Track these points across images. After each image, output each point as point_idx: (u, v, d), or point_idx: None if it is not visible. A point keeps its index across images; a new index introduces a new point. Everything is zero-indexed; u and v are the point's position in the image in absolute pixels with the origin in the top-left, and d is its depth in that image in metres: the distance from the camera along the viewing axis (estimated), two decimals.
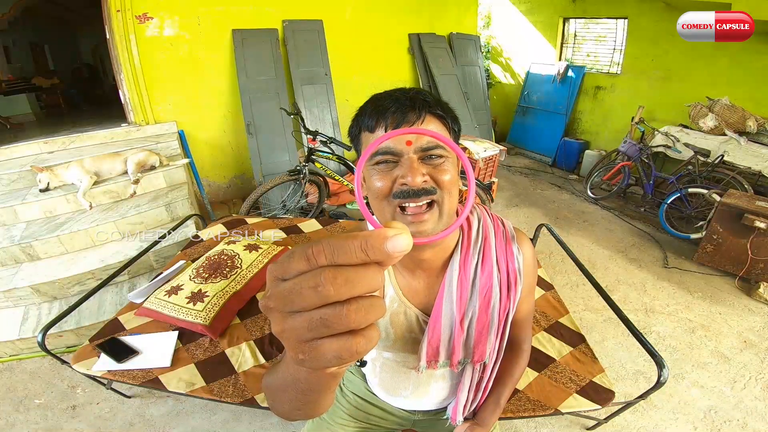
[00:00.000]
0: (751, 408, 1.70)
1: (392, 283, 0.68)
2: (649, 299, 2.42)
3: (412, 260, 0.66)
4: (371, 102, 0.59)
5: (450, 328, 0.69)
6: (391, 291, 0.68)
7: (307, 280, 0.20)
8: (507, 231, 0.72)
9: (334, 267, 0.20)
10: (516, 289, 0.69)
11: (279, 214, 2.82)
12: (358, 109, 0.60)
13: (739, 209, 2.46)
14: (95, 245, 2.27)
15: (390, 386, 0.84)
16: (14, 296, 1.99)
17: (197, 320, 1.41)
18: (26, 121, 4.77)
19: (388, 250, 0.20)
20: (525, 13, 5.22)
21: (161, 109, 3.27)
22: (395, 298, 0.69)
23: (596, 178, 3.95)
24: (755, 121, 3.17)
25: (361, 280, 0.20)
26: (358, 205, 0.26)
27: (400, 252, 0.20)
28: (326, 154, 2.73)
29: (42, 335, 1.27)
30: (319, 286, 0.19)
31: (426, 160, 0.54)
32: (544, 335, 1.48)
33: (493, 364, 0.76)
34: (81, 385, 1.78)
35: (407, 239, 0.20)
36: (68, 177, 2.39)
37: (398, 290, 0.69)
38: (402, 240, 0.20)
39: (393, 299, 0.69)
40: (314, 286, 0.19)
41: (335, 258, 0.20)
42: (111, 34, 2.92)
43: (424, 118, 0.55)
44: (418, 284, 0.69)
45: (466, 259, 0.67)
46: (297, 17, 3.56)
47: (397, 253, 0.20)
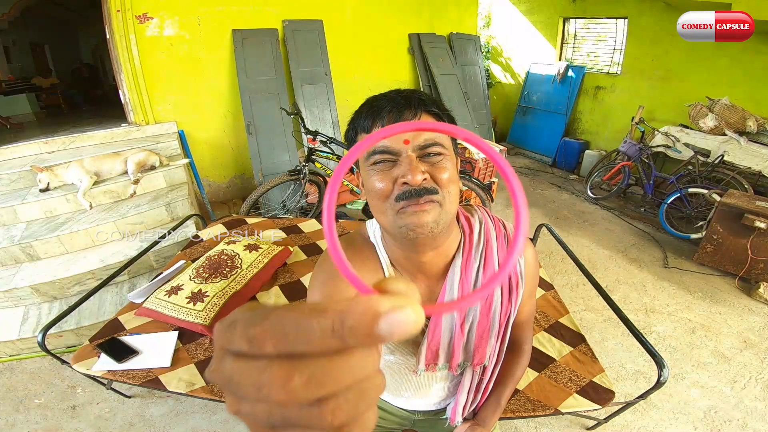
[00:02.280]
0: (751, 408, 1.70)
1: None
2: (649, 299, 2.42)
3: (413, 264, 0.65)
4: (366, 104, 0.58)
5: (450, 331, 0.68)
6: None
7: (248, 374, 0.14)
8: (509, 234, 0.71)
9: (289, 359, 0.13)
10: (518, 292, 0.69)
11: (279, 214, 2.82)
12: (354, 113, 0.60)
13: (739, 209, 2.46)
14: (95, 245, 2.27)
15: (391, 387, 0.84)
16: (14, 296, 1.99)
17: (197, 320, 1.41)
18: (26, 121, 4.77)
19: (382, 332, 0.13)
20: (525, 13, 5.22)
21: (161, 109, 3.27)
22: None
23: (596, 178, 3.94)
24: (755, 121, 3.17)
25: (335, 376, 0.14)
26: (327, 243, 0.14)
27: (401, 335, 0.14)
28: (326, 154, 2.73)
29: (42, 335, 1.27)
30: (263, 388, 0.13)
31: (424, 159, 0.54)
32: (544, 335, 1.48)
33: (494, 366, 0.76)
34: (81, 385, 1.78)
35: (412, 315, 0.14)
36: (68, 177, 2.39)
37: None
38: (404, 317, 0.14)
39: None
40: (256, 385, 0.13)
41: (289, 345, 0.13)
42: (111, 34, 2.92)
43: (420, 117, 0.55)
44: (420, 288, 0.68)
45: (468, 263, 0.66)
46: (297, 17, 3.56)
47: (397, 336, 0.14)
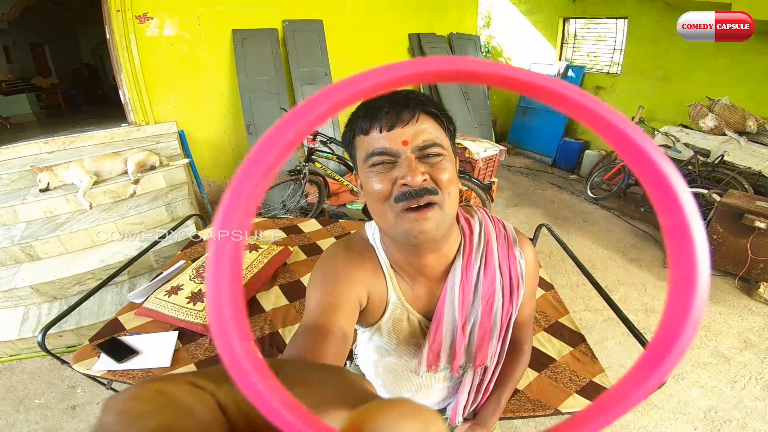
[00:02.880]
0: (751, 408, 1.70)
1: (395, 289, 0.67)
2: (649, 299, 2.42)
3: (413, 267, 0.65)
4: (363, 105, 0.57)
5: (452, 333, 0.68)
6: (394, 297, 0.67)
7: None
8: (509, 235, 0.71)
9: None
10: (518, 293, 0.68)
11: (279, 214, 2.82)
12: (351, 114, 0.58)
13: (739, 209, 2.46)
14: (95, 245, 2.27)
15: (392, 388, 0.84)
16: (14, 296, 1.99)
17: (197, 320, 1.41)
18: (26, 121, 4.78)
19: None
20: (525, 13, 5.22)
21: (161, 109, 3.27)
22: (398, 305, 0.67)
23: (596, 178, 3.94)
24: (755, 121, 3.17)
25: None
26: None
27: None
28: (326, 154, 2.73)
29: (42, 335, 1.27)
30: None
31: (423, 159, 0.54)
32: (544, 335, 1.48)
33: (495, 367, 0.75)
34: (81, 385, 1.78)
35: None
36: (68, 177, 2.39)
37: (401, 296, 0.67)
38: None
39: (396, 305, 0.67)
40: None
41: None
42: (111, 34, 2.92)
43: (418, 117, 0.54)
44: (420, 290, 0.68)
45: (468, 265, 0.66)
46: (297, 17, 3.57)
47: None
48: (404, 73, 0.12)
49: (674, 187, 0.10)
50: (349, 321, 0.58)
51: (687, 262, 0.10)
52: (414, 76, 0.12)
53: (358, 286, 0.61)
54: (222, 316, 0.11)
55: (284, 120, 0.12)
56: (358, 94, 0.12)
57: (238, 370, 0.11)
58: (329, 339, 0.51)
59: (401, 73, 0.12)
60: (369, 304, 0.65)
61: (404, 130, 0.53)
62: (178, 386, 0.13)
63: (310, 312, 0.57)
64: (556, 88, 0.12)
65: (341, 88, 0.12)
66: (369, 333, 0.71)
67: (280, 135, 0.11)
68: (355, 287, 0.61)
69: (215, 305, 0.11)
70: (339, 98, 0.12)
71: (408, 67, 0.12)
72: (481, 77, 0.12)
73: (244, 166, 0.11)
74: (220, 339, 0.11)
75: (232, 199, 0.11)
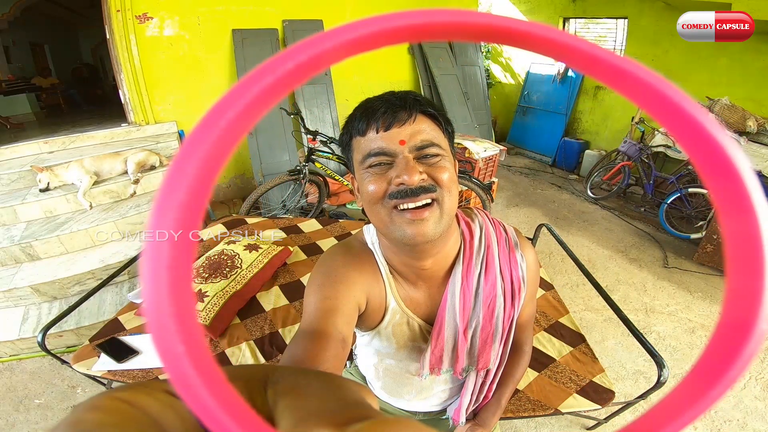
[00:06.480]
0: (751, 408, 1.70)
1: (393, 294, 0.66)
2: (649, 299, 2.42)
3: (412, 271, 0.64)
4: (360, 106, 0.56)
5: (453, 338, 0.67)
6: (393, 303, 0.66)
7: None
8: (510, 238, 0.70)
9: None
10: (520, 296, 0.68)
11: (279, 214, 2.82)
12: (348, 117, 0.58)
13: None
14: (95, 245, 2.27)
15: (393, 390, 0.84)
16: (14, 296, 1.99)
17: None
18: (26, 121, 4.77)
19: None
20: (525, 13, 5.22)
21: (161, 109, 3.27)
22: (397, 310, 0.66)
23: (596, 178, 3.95)
24: (755, 121, 3.17)
25: None
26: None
27: None
28: (326, 154, 2.73)
29: (42, 335, 1.27)
30: None
31: (422, 160, 0.52)
32: (544, 335, 1.48)
33: (497, 369, 0.75)
34: (81, 385, 1.78)
35: None
36: (68, 177, 2.39)
37: (400, 301, 0.66)
38: None
39: (395, 311, 0.66)
40: None
41: None
42: (111, 34, 2.92)
43: (415, 117, 0.53)
44: (420, 295, 0.67)
45: (469, 270, 0.65)
46: (297, 17, 3.56)
47: None
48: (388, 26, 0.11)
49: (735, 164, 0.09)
50: (348, 324, 0.57)
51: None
52: (404, 30, 0.11)
53: (357, 289, 0.60)
54: (159, 318, 0.09)
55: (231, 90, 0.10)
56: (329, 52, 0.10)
57: (177, 376, 0.09)
58: (328, 343, 0.50)
59: (381, 27, 0.11)
60: (368, 309, 0.64)
61: (401, 130, 0.52)
62: (151, 395, 0.12)
63: (309, 316, 0.55)
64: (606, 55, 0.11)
65: (303, 48, 0.10)
66: (369, 336, 0.71)
67: (216, 116, 0.10)
68: (354, 291, 0.60)
69: (152, 306, 0.10)
70: (301, 59, 0.10)
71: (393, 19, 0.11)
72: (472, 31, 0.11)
73: (180, 152, 0.10)
74: (158, 345, 0.09)
75: (166, 192, 0.09)
